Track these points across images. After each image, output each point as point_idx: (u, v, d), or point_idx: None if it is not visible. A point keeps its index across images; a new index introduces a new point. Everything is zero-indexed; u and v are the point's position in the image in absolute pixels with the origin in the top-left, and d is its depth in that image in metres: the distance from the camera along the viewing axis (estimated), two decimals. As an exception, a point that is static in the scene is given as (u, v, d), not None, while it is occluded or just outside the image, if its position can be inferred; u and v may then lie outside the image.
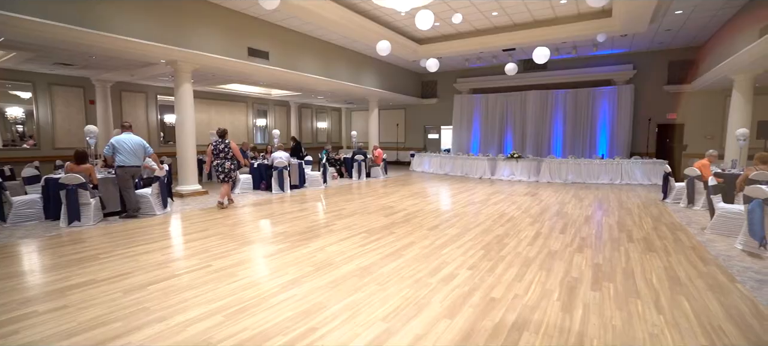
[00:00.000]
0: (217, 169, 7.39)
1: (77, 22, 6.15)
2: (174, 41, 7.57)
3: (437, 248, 4.79)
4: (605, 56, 13.42)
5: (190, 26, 7.92)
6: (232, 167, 7.45)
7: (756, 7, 7.86)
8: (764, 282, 3.72)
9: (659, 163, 11.11)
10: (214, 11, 8.36)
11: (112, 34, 6.60)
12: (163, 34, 7.39)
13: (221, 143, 7.33)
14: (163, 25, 7.41)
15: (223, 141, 7.34)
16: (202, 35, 8.14)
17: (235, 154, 7.43)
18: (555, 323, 2.90)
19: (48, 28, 5.97)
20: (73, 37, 6.38)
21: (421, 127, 18.36)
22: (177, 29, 7.66)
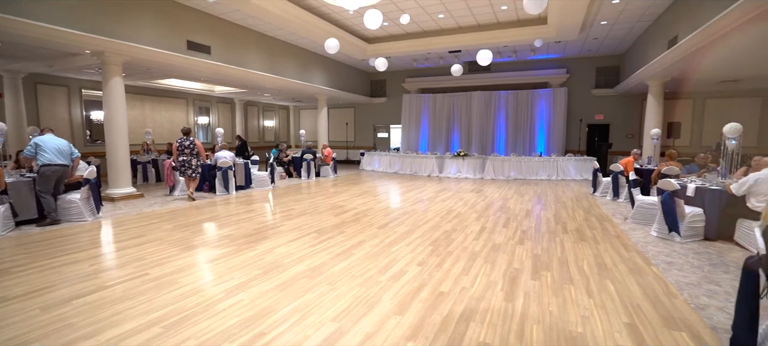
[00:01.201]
0: (183, 166, 7.87)
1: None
2: (101, 30, 6.93)
3: (387, 246, 4.85)
4: (542, 61, 14.35)
5: (121, 14, 7.30)
6: (199, 163, 8.04)
7: (664, 22, 8.83)
8: (673, 264, 4.20)
9: (589, 160, 12.09)
10: (149, 0, 7.79)
11: (20, 19, 5.83)
12: (88, 21, 6.74)
13: (186, 140, 7.85)
14: (88, 12, 6.76)
15: (189, 139, 7.88)
16: (134, 25, 7.54)
17: (199, 152, 7.98)
18: (499, 312, 3.06)
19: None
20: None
21: (371, 126, 18.46)
22: (105, 17, 7.03)
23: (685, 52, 7.54)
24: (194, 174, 7.99)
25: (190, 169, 7.90)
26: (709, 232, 5.16)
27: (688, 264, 4.22)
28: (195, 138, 8.03)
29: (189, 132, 7.98)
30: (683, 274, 3.92)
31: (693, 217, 5.12)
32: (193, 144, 7.89)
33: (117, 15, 7.23)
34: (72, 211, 6.10)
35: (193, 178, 8.04)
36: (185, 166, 7.86)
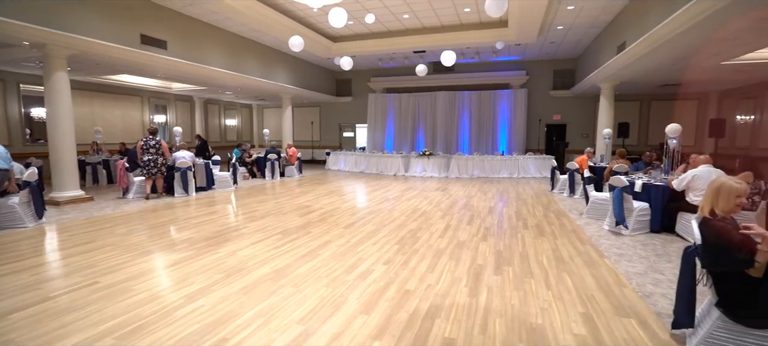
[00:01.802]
0: (148, 165, 7.93)
1: None
2: (42, 20, 6.41)
3: (353, 246, 4.83)
4: (503, 62, 14.82)
5: (66, 3, 6.80)
6: (164, 162, 8.12)
7: (614, 28, 9.38)
8: (623, 255, 4.48)
9: (548, 158, 12.63)
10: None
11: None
12: (27, 10, 6.21)
13: (152, 140, 7.99)
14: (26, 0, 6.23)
15: (154, 138, 8.02)
16: (82, 16, 7.05)
17: (164, 151, 8.07)
18: (463, 307, 3.13)
19: None
20: None
21: (337, 125, 18.33)
22: (47, 5, 6.50)
23: (632, 57, 8.04)
24: (158, 173, 8.09)
25: (155, 168, 7.99)
26: (654, 225, 5.54)
27: (636, 255, 4.51)
28: (161, 138, 8.21)
29: (155, 132, 8.16)
30: (632, 264, 4.19)
31: (640, 211, 5.48)
32: (159, 144, 8.04)
33: (61, 3, 6.73)
34: (10, 216, 5.62)
35: (157, 176, 8.13)
36: (149, 165, 7.93)
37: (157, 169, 8.05)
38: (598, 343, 2.63)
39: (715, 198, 2.46)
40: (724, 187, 2.43)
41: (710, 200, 2.48)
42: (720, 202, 2.44)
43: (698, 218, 2.56)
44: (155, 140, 8.01)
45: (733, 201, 2.40)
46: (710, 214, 2.46)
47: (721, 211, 2.44)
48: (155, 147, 7.98)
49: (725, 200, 2.42)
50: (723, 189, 2.43)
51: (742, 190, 2.40)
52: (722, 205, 2.43)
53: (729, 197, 2.41)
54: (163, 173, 8.21)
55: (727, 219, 2.44)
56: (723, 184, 2.45)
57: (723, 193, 2.43)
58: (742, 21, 5.50)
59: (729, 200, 2.41)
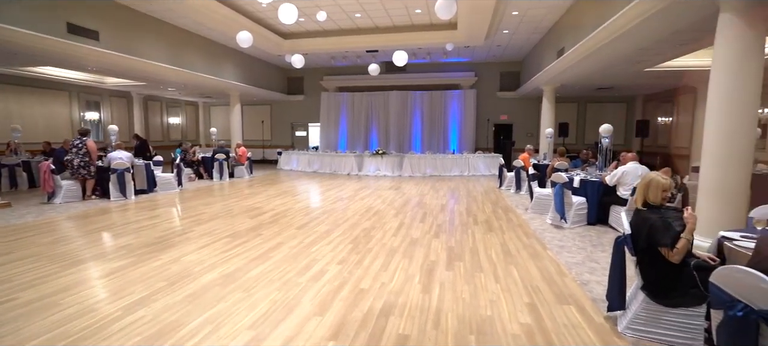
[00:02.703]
0: (69, 166, 7.54)
1: None
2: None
3: (307, 247, 4.75)
4: (454, 64, 15.26)
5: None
6: (81, 164, 7.56)
7: (554, 35, 10.00)
8: (564, 247, 4.79)
9: (495, 156, 13.19)
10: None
11: None
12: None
13: (77, 140, 7.62)
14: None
15: (81, 139, 7.62)
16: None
17: (89, 152, 7.62)
18: (417, 304, 3.19)
19: None
20: None
21: (288, 124, 17.91)
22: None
23: (570, 62, 8.63)
24: (76, 174, 7.61)
25: (73, 169, 7.55)
26: (591, 217, 5.98)
27: (575, 246, 4.84)
28: (89, 139, 7.77)
29: (86, 133, 7.81)
30: (571, 255, 4.49)
31: (578, 205, 5.89)
32: (83, 143, 7.60)
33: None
34: None
35: (86, 178, 7.71)
36: (70, 166, 7.53)
37: (76, 170, 7.56)
38: (542, 330, 2.79)
39: (646, 191, 2.72)
40: (653, 182, 2.70)
41: (642, 193, 2.75)
42: (650, 195, 2.70)
43: (628, 211, 2.80)
44: (80, 140, 7.61)
45: (660, 194, 2.67)
46: (643, 205, 2.72)
47: (651, 200, 2.70)
48: (78, 147, 7.56)
49: (654, 193, 2.68)
50: (652, 184, 2.70)
51: (668, 185, 2.68)
52: (652, 197, 2.69)
53: (657, 191, 2.68)
54: (91, 174, 7.72)
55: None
56: (652, 179, 2.71)
57: (652, 187, 2.69)
58: (658, 34, 6.10)
59: (657, 193, 2.68)
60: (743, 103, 4.07)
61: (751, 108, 4.09)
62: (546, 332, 2.77)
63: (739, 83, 4.05)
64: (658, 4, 4.97)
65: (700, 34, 6.01)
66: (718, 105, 4.22)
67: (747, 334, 1.57)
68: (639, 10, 5.31)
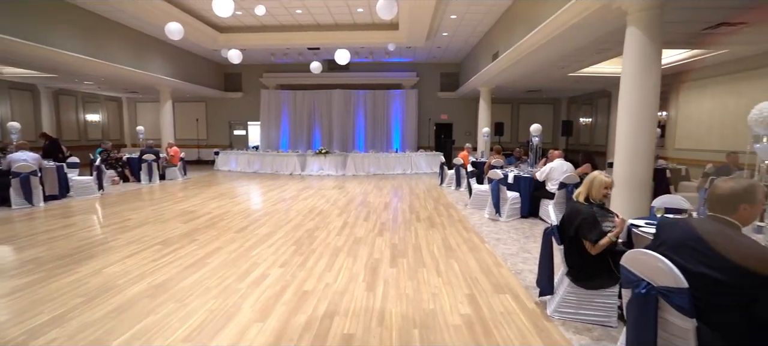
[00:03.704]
0: None
1: None
2: None
3: (247, 250, 4.56)
4: (396, 63, 15.49)
5: None
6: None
7: (489, 39, 10.55)
8: (500, 240, 5.08)
9: (437, 155, 13.62)
10: None
11: None
12: None
13: None
14: None
15: None
16: None
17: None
18: (361, 303, 3.20)
19: None
20: None
21: (226, 122, 17.04)
22: None
23: (504, 65, 9.16)
24: None
25: None
26: (524, 211, 6.41)
27: (510, 239, 5.16)
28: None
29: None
30: (507, 247, 4.78)
31: (513, 200, 6.28)
32: None
33: None
34: None
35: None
36: None
37: None
38: (481, 319, 2.94)
39: (590, 188, 2.93)
40: (596, 180, 2.91)
41: (586, 188, 2.94)
42: (593, 191, 2.91)
43: (556, 203, 3.04)
44: None
45: (602, 191, 2.89)
46: (585, 200, 2.91)
47: (593, 198, 2.91)
48: None
49: (597, 190, 2.89)
50: (596, 181, 2.91)
51: (609, 183, 2.91)
52: (594, 193, 2.90)
53: (600, 188, 2.89)
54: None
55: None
56: (596, 177, 2.92)
57: (596, 184, 2.90)
58: (578, 42, 6.71)
59: (599, 190, 2.89)
60: (645, 106, 4.59)
61: (651, 110, 4.63)
62: (484, 320, 2.92)
63: (642, 89, 4.57)
64: (577, 16, 5.46)
65: (612, 45, 6.69)
66: (626, 108, 4.72)
67: (649, 308, 1.78)
68: (561, 21, 5.78)
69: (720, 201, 1.80)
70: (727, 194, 1.77)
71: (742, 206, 1.75)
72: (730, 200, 1.77)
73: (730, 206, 1.77)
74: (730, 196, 1.77)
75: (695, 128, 9.44)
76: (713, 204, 1.83)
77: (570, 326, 2.82)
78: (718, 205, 1.80)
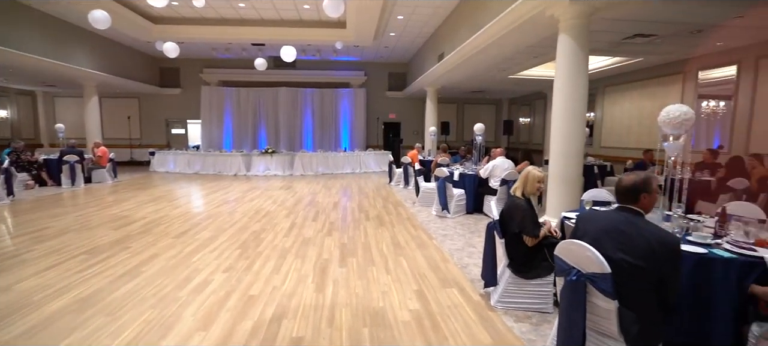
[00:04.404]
0: None
1: None
2: None
3: (187, 256, 4.30)
4: (344, 62, 15.41)
5: None
6: None
7: (435, 40, 10.84)
8: (447, 236, 5.25)
9: (385, 154, 13.75)
10: None
11: None
12: None
13: None
14: None
15: None
16: None
17: None
18: (311, 304, 3.15)
19: None
20: None
21: (163, 120, 15.91)
22: None
23: (449, 66, 9.47)
24: None
25: None
26: (469, 207, 6.67)
27: (456, 234, 5.34)
28: None
29: None
30: (453, 242, 4.94)
31: (458, 197, 6.51)
32: None
33: None
34: None
35: None
36: None
37: None
38: (429, 314, 3.02)
39: (525, 183, 3.13)
40: (530, 175, 3.12)
41: (522, 183, 3.14)
42: (528, 186, 3.12)
43: (499, 199, 3.21)
44: None
45: (535, 185, 3.11)
46: (521, 194, 3.11)
47: (528, 192, 3.12)
48: None
49: (531, 185, 3.11)
50: (529, 176, 3.12)
51: (541, 177, 3.14)
52: (529, 188, 3.11)
53: (533, 182, 3.10)
54: None
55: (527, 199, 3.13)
56: (530, 172, 3.13)
57: (530, 179, 3.11)
58: (517, 46, 7.12)
59: (533, 184, 3.10)
60: (575, 107, 4.98)
61: (581, 112, 5.03)
62: (432, 315, 3.00)
63: (573, 91, 4.95)
64: (515, 22, 5.79)
65: (547, 49, 7.17)
66: (559, 109, 5.09)
67: (579, 293, 1.94)
68: (501, 25, 6.10)
69: (625, 192, 2.06)
70: (630, 186, 2.03)
71: (642, 194, 2.01)
72: (632, 190, 2.03)
73: (633, 195, 2.03)
74: (631, 187, 2.03)
75: (618, 128, 10.41)
76: (620, 196, 2.09)
77: (512, 314, 2.99)
78: (624, 196, 2.06)
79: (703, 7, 5.02)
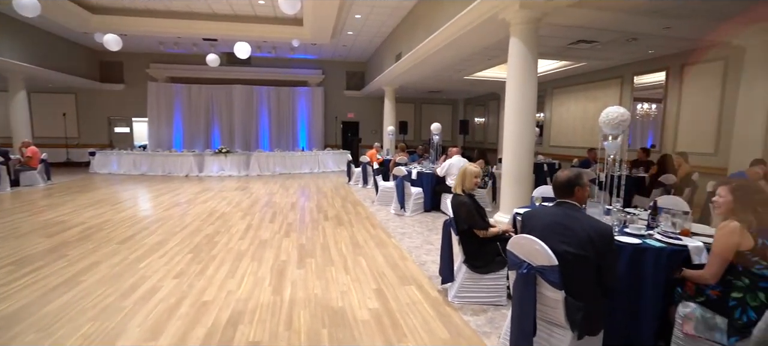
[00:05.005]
0: None
1: None
2: None
3: (133, 263, 4.04)
4: (301, 60, 15.13)
5: None
6: None
7: (393, 40, 10.93)
8: (405, 234, 5.32)
9: (344, 153, 13.68)
10: None
11: None
12: None
13: None
14: None
15: None
16: None
17: None
18: (268, 307, 3.07)
19: None
20: None
21: (105, 118, 14.79)
22: None
23: (406, 66, 9.58)
24: None
25: None
26: (427, 205, 6.80)
27: (414, 232, 5.42)
28: None
29: None
30: (411, 240, 5.02)
31: (416, 196, 6.61)
32: None
33: None
34: None
35: None
36: None
37: None
38: (388, 312, 3.04)
39: (463, 179, 3.28)
40: (466, 171, 3.29)
41: (460, 181, 3.29)
42: (466, 182, 3.26)
43: (452, 198, 3.31)
44: None
45: (472, 181, 3.26)
46: (461, 191, 3.24)
47: (466, 188, 3.25)
48: None
49: (469, 181, 3.26)
50: (466, 173, 3.29)
51: (477, 172, 3.31)
52: (467, 184, 3.25)
53: (470, 178, 3.27)
54: None
55: (469, 194, 3.26)
56: (465, 169, 3.29)
57: (467, 175, 3.28)
58: (472, 48, 7.35)
59: (470, 180, 3.27)
60: (526, 108, 5.23)
61: (531, 112, 5.29)
62: (392, 312, 3.03)
63: (523, 93, 5.19)
64: (469, 24, 5.97)
65: (500, 52, 7.44)
66: (511, 109, 5.32)
67: (529, 285, 2.04)
68: (456, 27, 6.26)
69: (561, 187, 2.23)
70: (565, 181, 2.22)
71: (576, 187, 2.20)
72: (567, 185, 2.21)
73: (569, 189, 2.21)
74: (566, 182, 2.21)
75: (565, 128, 11.05)
76: (557, 191, 2.27)
77: (468, 309, 3.08)
78: (560, 190, 2.24)
79: (635, 17, 5.45)
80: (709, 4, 4.95)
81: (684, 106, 7.65)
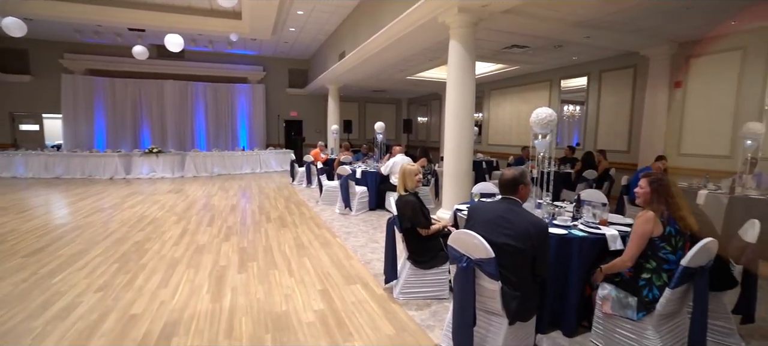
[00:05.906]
0: None
1: None
2: None
3: (44, 278, 3.60)
4: (241, 56, 14.46)
5: None
6: None
7: (337, 38, 10.83)
8: (351, 233, 5.31)
9: (287, 152, 13.33)
10: None
11: None
12: None
13: None
14: None
15: None
16: None
17: None
18: (206, 316, 2.91)
19: None
20: None
21: (6, 114, 13.00)
22: None
23: (350, 65, 9.55)
24: None
25: None
26: (371, 204, 6.84)
27: (360, 231, 5.43)
28: None
29: None
30: (356, 239, 5.02)
31: (361, 194, 6.62)
32: None
33: None
34: None
35: None
36: None
37: None
38: (334, 312, 3.02)
39: (404, 179, 3.35)
40: (406, 170, 3.38)
41: (402, 180, 3.35)
42: (407, 182, 3.33)
43: (396, 196, 3.36)
44: None
45: (413, 179, 3.35)
46: (404, 190, 3.30)
47: (409, 188, 3.32)
48: None
49: (410, 180, 3.33)
50: (406, 172, 3.37)
51: (416, 170, 3.43)
52: (409, 183, 3.33)
53: (411, 177, 3.35)
54: None
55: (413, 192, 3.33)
56: (405, 169, 3.38)
57: (407, 175, 3.36)
58: (413, 49, 7.52)
59: (411, 179, 3.35)
60: (464, 108, 5.46)
61: (470, 112, 5.53)
62: (337, 313, 3.01)
63: (462, 93, 5.42)
64: (411, 25, 6.10)
65: (440, 53, 7.70)
66: (451, 109, 5.52)
67: (469, 277, 2.14)
68: (398, 28, 6.36)
69: (507, 185, 2.38)
70: (510, 179, 2.36)
71: (520, 186, 2.35)
72: (513, 183, 2.36)
73: (514, 187, 2.36)
74: (512, 180, 2.36)
75: (501, 127, 11.71)
76: (503, 188, 2.41)
77: (412, 304, 3.15)
78: (506, 188, 2.38)
79: (560, 26, 5.93)
80: (624, 17, 5.52)
81: (602, 108, 8.46)
